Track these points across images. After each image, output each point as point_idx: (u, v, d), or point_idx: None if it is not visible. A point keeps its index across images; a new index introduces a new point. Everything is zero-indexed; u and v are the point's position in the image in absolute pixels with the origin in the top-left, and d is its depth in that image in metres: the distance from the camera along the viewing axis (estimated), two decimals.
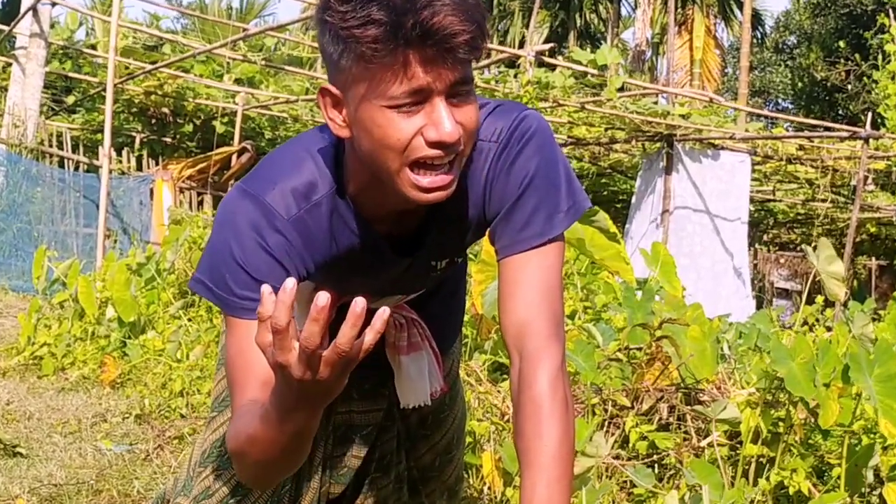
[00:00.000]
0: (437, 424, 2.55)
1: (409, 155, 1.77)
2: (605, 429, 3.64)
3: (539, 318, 1.93)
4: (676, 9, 28.89)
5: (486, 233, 2.08)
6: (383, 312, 1.50)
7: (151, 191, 14.84)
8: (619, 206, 18.04)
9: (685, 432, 3.69)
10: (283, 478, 2.08)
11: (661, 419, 3.74)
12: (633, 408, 3.76)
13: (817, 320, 7.25)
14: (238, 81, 17.68)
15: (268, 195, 1.93)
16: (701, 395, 3.78)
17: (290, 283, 1.50)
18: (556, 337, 1.93)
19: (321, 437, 2.43)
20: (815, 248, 4.67)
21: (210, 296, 1.92)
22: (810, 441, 3.62)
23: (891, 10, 21.16)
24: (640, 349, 3.99)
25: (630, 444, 3.60)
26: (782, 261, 20.18)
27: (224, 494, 2.30)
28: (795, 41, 36.18)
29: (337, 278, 2.08)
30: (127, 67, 15.72)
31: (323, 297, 1.46)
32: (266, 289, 1.52)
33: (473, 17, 1.72)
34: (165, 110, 18.11)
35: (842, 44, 31.23)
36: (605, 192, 19.67)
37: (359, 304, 1.48)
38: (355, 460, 2.51)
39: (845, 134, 14.79)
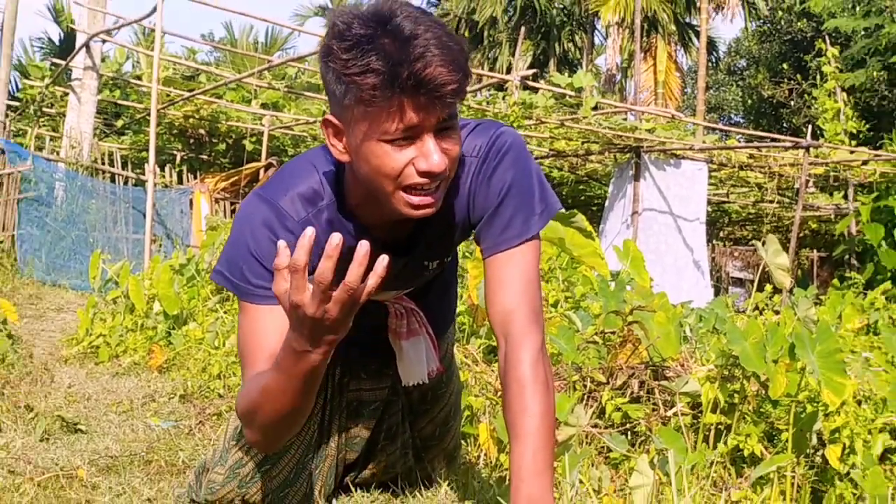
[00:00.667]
0: (436, 399, 2.57)
1: (401, 181, 1.83)
2: (584, 402, 3.64)
3: (520, 307, 1.96)
4: (642, 38, 28.85)
5: (472, 234, 2.11)
6: (383, 259, 1.60)
7: (191, 201, 14.86)
8: (594, 208, 18.04)
9: (653, 404, 3.69)
10: (289, 435, 2.09)
11: (632, 393, 3.73)
12: (608, 383, 3.75)
13: (767, 305, 7.25)
14: (264, 106, 17.68)
15: (280, 200, 1.98)
16: (667, 371, 3.78)
17: (310, 230, 1.58)
18: (535, 323, 1.96)
19: (336, 411, 2.46)
20: (764, 243, 4.67)
21: (228, 284, 1.95)
22: (762, 410, 3.62)
23: (827, 37, 21.16)
24: (613, 333, 3.99)
25: (606, 415, 3.60)
26: (736, 254, 20.19)
27: (255, 464, 2.31)
28: (745, 64, 36.15)
29: (340, 278, 2.09)
30: (168, 95, 15.72)
31: (336, 237, 1.55)
32: (281, 243, 1.60)
33: (460, 65, 1.77)
34: (202, 131, 18.12)
35: (785, 66, 31.20)
36: (583, 197, 19.69)
37: (363, 246, 1.57)
38: (366, 431, 2.54)
39: (789, 144, 14.80)
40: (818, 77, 18.80)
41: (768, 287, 6.60)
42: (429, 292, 2.42)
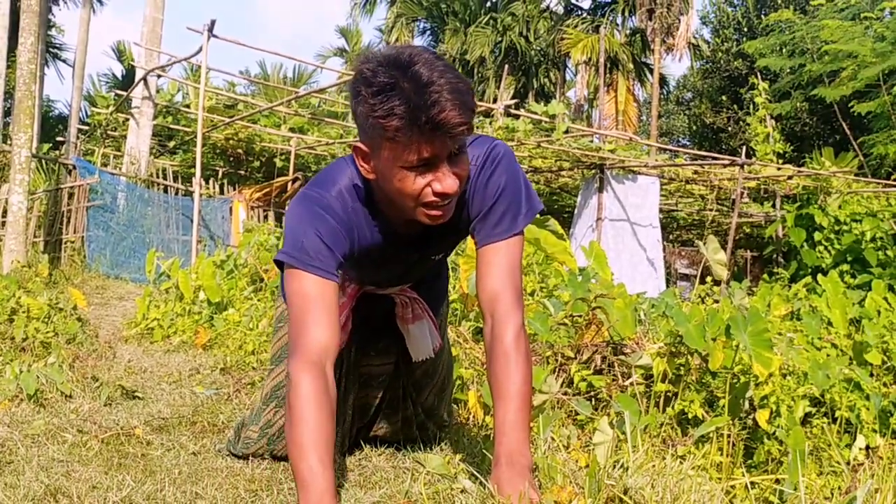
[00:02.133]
0: (435, 369, 2.58)
1: (421, 199, 1.86)
2: (555, 373, 3.64)
3: (506, 290, 1.97)
4: (605, 75, 28.85)
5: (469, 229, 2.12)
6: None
7: (230, 209, 14.87)
8: (565, 215, 18.03)
9: (613, 375, 3.70)
10: None
11: (596, 366, 3.74)
12: (576, 358, 3.76)
13: (708, 295, 7.26)
14: (291, 129, 17.69)
15: (326, 194, 2.00)
16: (624, 348, 3.79)
17: None
18: (518, 304, 1.97)
19: (353, 383, 2.47)
20: (705, 243, 4.68)
21: (290, 259, 1.92)
22: (703, 380, 3.63)
23: (758, 73, 21.15)
24: (580, 316, 4.00)
25: (574, 384, 3.61)
26: (683, 254, 20.20)
27: (282, 425, 2.33)
28: (691, 96, 36.13)
29: (372, 261, 2.14)
30: (212, 121, 15.71)
31: None
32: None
33: (468, 105, 1.79)
34: (239, 151, 18.12)
35: (724, 98, 31.21)
36: (556, 206, 19.69)
37: None
38: (375, 399, 2.57)
39: (727, 162, 14.80)
40: (751, 107, 18.80)
41: (709, 280, 6.59)
42: (425, 279, 2.45)
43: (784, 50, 23.87)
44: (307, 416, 1.77)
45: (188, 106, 17.62)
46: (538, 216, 3.03)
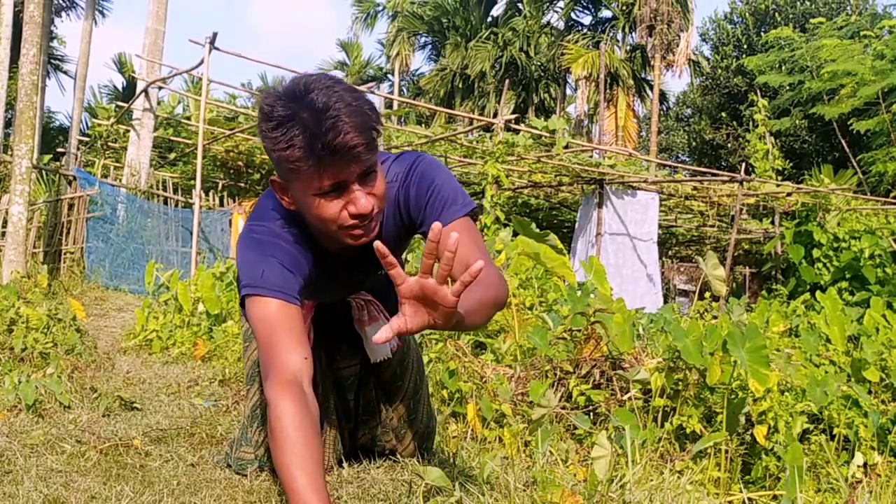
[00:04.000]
0: (403, 371, 2.57)
1: (340, 224, 1.88)
2: (554, 388, 3.65)
3: (478, 258, 1.88)
4: (605, 90, 28.95)
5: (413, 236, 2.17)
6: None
7: (230, 221, 14.87)
8: (565, 230, 18.06)
9: (612, 390, 3.70)
10: None
11: (594, 380, 3.74)
12: (574, 372, 3.77)
13: (707, 310, 7.27)
14: None
15: (270, 224, 2.03)
16: (623, 363, 3.79)
17: None
18: (500, 274, 1.95)
19: (330, 390, 2.48)
20: (704, 259, 4.70)
21: (252, 290, 1.92)
22: (701, 395, 3.63)
23: (758, 90, 21.22)
24: (579, 331, 4.00)
25: (572, 398, 3.61)
26: (682, 269, 20.20)
27: (269, 445, 2.34)
28: (690, 112, 36.29)
29: (319, 286, 2.16)
30: (212, 133, 15.73)
31: None
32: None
33: (368, 125, 1.79)
34: (240, 164, 18.13)
35: (724, 114, 31.34)
36: (555, 221, 19.70)
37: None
38: (351, 403, 2.58)
39: (726, 178, 14.86)
40: (751, 123, 18.88)
41: (708, 296, 6.61)
42: (383, 288, 2.43)
43: (783, 67, 23.95)
44: (291, 437, 1.75)
45: (189, 118, 17.66)
46: (537, 231, 3.03)
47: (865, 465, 4.10)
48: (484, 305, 1.83)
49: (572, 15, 32.71)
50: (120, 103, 18.46)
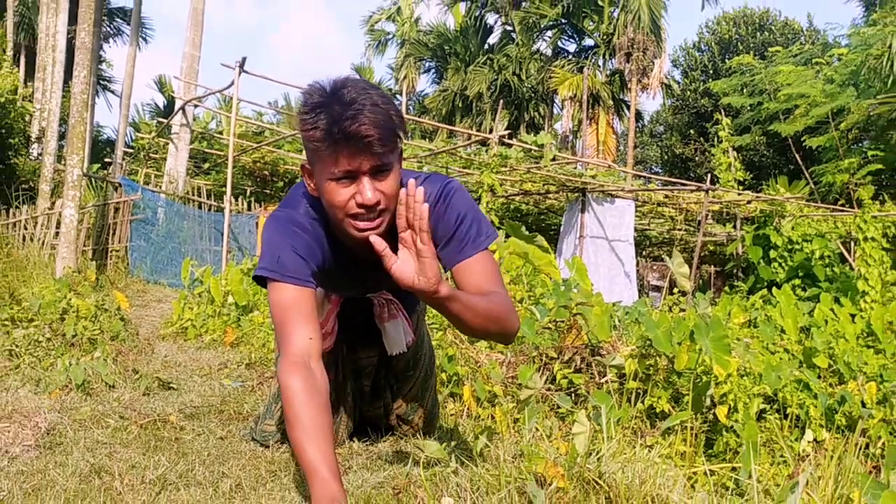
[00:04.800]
0: (416, 364, 2.55)
1: (346, 211, 1.84)
2: (540, 372, 3.65)
3: (494, 289, 1.93)
4: (588, 110, 28.93)
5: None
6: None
7: (256, 223, 14.86)
8: (551, 233, 18.02)
9: (591, 374, 3.70)
10: None
11: (576, 365, 3.74)
12: (558, 358, 3.76)
13: (676, 304, 7.27)
14: None
15: (294, 212, 2.00)
16: (601, 350, 3.79)
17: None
18: (510, 302, 1.94)
19: (349, 376, 2.47)
20: (672, 258, 4.70)
21: (269, 273, 1.90)
22: (669, 379, 3.63)
23: (722, 110, 21.19)
24: (563, 322, 4.00)
25: (556, 381, 3.61)
26: (654, 268, 20.15)
27: None
28: (663, 130, 36.24)
29: (332, 276, 2.11)
30: (241, 146, 15.74)
31: None
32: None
33: (385, 124, 1.77)
34: (266, 172, 18.12)
35: (692, 131, 31.33)
36: (543, 224, 19.68)
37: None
38: (366, 388, 2.56)
39: (694, 188, 14.84)
40: (716, 139, 18.85)
41: (676, 291, 6.61)
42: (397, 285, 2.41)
43: (745, 90, 23.95)
44: (301, 412, 1.74)
45: (221, 132, 17.70)
46: (526, 234, 3.03)
47: (815, 440, 4.11)
48: (485, 316, 1.83)
49: (559, 43, 32.71)
50: (160, 119, 18.49)
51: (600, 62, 30.90)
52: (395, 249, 1.77)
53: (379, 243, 1.68)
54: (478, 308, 1.82)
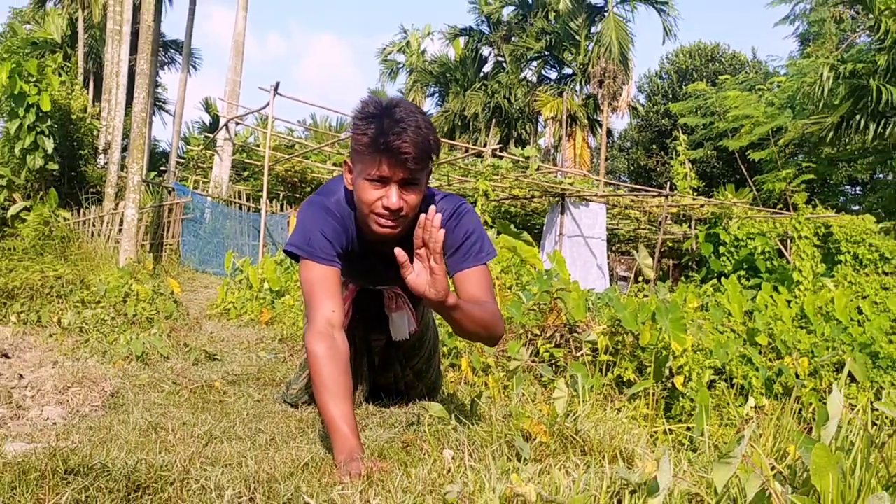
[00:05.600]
0: (421, 344, 2.53)
1: (372, 209, 1.83)
2: (526, 346, 3.65)
3: (486, 298, 1.91)
4: (566, 128, 28.88)
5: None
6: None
7: (288, 222, 14.83)
8: (536, 231, 17.93)
9: (569, 348, 3.70)
10: None
11: (556, 341, 3.74)
12: (541, 335, 3.76)
13: (640, 291, 7.26)
14: (335, 164, 17.67)
15: (328, 200, 1.97)
16: (577, 328, 3.79)
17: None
18: (499, 312, 1.92)
19: (363, 352, 2.46)
20: (638, 252, 4.69)
21: (299, 251, 1.88)
22: (635, 353, 3.63)
23: (680, 129, 21.15)
24: (545, 304, 4.00)
25: (539, 354, 3.61)
26: (623, 261, 20.10)
27: None
28: (630, 145, 36.15)
29: (353, 268, 2.09)
30: (275, 157, 15.71)
31: None
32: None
33: (422, 145, 1.76)
34: (296, 179, 18.04)
35: (654, 146, 31.26)
36: (529, 224, 19.59)
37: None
38: (374, 361, 2.55)
39: (655, 193, 14.81)
40: (674, 153, 18.83)
41: (640, 280, 6.60)
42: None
43: (699, 111, 23.92)
44: (325, 375, 1.73)
45: (258, 146, 17.63)
46: (514, 230, 3.02)
47: (757, 406, 4.11)
48: (479, 323, 1.82)
49: (543, 72, 32.64)
50: (207, 134, 18.47)
51: (577, 88, 30.82)
52: (410, 253, 1.73)
53: (401, 255, 1.64)
54: (474, 316, 1.81)
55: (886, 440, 1.31)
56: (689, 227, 17.15)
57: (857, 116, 15.92)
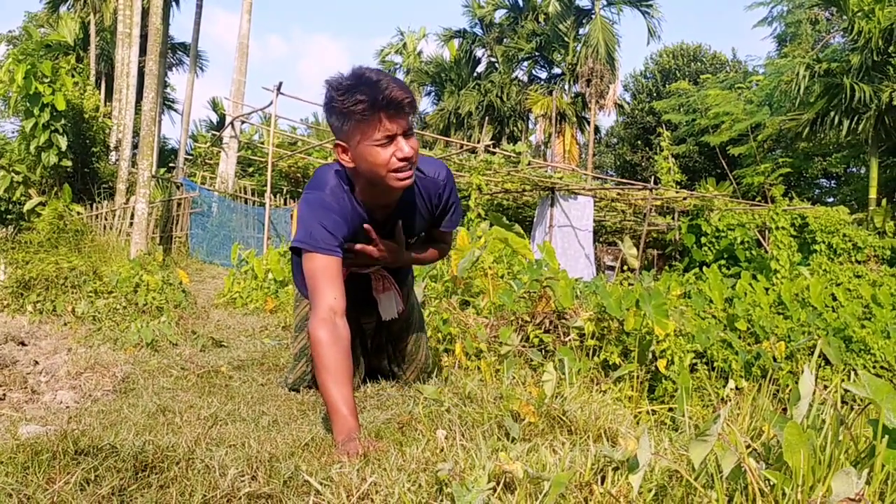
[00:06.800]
0: (408, 326, 2.53)
1: (389, 167, 1.84)
2: (516, 332, 3.64)
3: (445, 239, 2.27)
4: (556, 125, 28.84)
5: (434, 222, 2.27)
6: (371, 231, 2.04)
7: (291, 216, 14.80)
8: (527, 223, 17.95)
9: (557, 334, 3.69)
10: None
11: (545, 327, 3.73)
12: (531, 321, 3.76)
13: (626, 279, 7.27)
14: (337, 161, 17.64)
15: (322, 193, 1.96)
16: (565, 314, 3.78)
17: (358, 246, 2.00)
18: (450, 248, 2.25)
19: (357, 335, 2.45)
20: (623, 243, 4.69)
21: (303, 245, 1.89)
22: (620, 338, 3.63)
23: (664, 125, 21.14)
24: (535, 292, 3.99)
25: (529, 340, 3.61)
26: (609, 251, 20.10)
27: (313, 373, 2.35)
28: (616, 141, 36.11)
29: (346, 255, 2.09)
30: (279, 153, 15.66)
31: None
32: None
33: (408, 90, 1.82)
34: (298, 175, 17.99)
35: (639, 142, 31.22)
36: (520, 216, 19.58)
37: (371, 231, 2.05)
38: (367, 344, 2.56)
39: (640, 187, 14.80)
40: (658, 149, 18.81)
41: (626, 268, 6.60)
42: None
43: (682, 109, 23.90)
44: (327, 359, 1.73)
45: (262, 143, 17.57)
46: (506, 222, 3.06)
47: (736, 388, 4.12)
48: (424, 260, 2.32)
49: (533, 72, 32.55)
50: (213, 132, 18.36)
51: (566, 87, 30.76)
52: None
53: (372, 231, 1.98)
54: (422, 259, 2.30)
55: (855, 418, 1.31)
56: (673, 218, 17.16)
57: (832, 113, 15.92)
